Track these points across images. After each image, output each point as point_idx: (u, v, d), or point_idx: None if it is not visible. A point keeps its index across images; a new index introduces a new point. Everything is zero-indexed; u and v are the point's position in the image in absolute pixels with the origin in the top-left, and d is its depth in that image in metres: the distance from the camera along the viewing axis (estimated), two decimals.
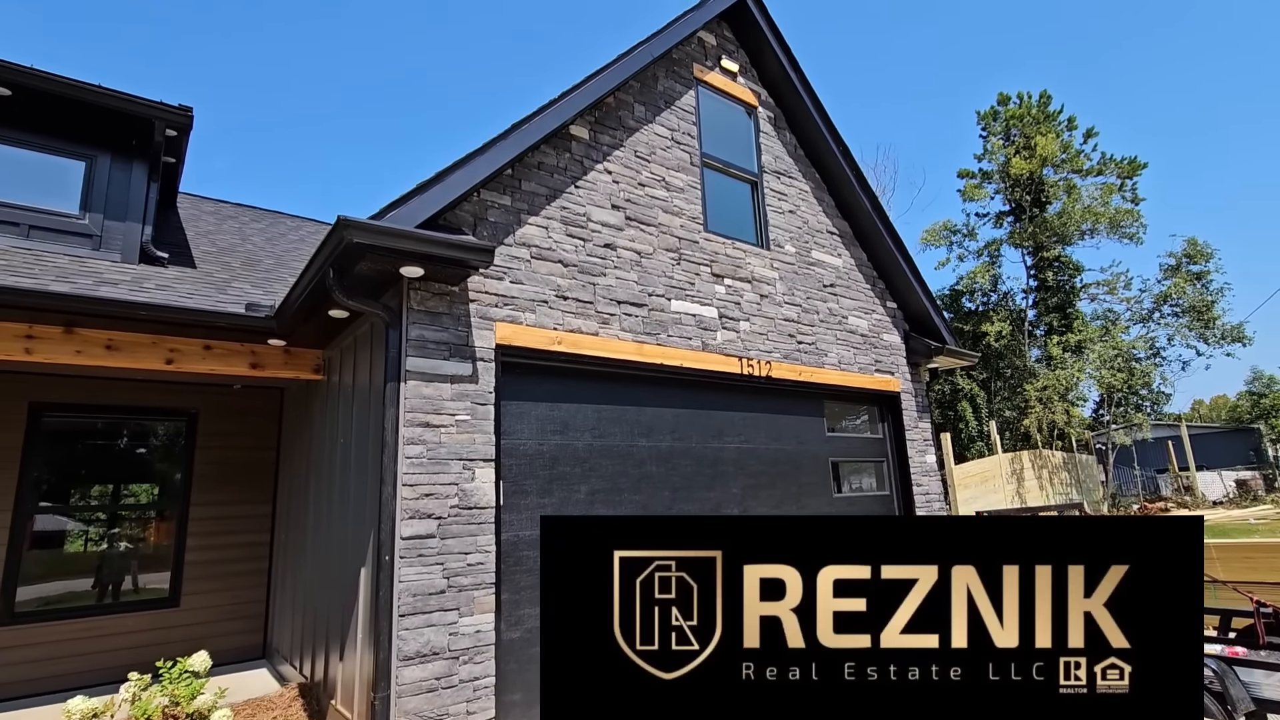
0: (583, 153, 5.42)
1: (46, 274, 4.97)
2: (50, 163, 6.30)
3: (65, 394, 6.12)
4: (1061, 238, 24.93)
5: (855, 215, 7.69)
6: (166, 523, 6.62)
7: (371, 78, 61.12)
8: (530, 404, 4.78)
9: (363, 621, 4.18)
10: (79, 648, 5.77)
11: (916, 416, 7.70)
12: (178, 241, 7.49)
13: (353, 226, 3.74)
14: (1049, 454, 19.66)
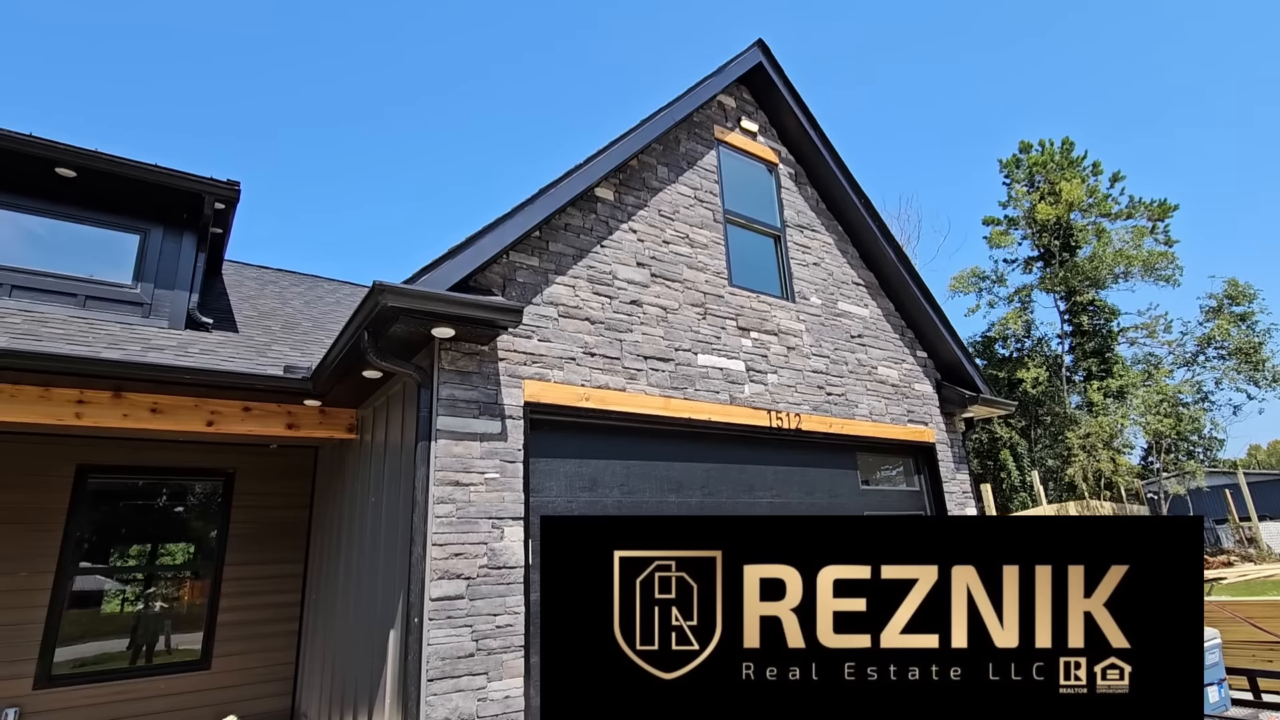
0: (608, 213, 5.57)
1: (99, 341, 5.20)
2: (107, 236, 6.68)
3: (110, 456, 6.31)
4: (1094, 281, 24.56)
5: (880, 265, 7.70)
6: (201, 582, 6.68)
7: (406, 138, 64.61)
8: (559, 460, 4.78)
9: (391, 685, 4.11)
10: (113, 711, 5.77)
11: (954, 468, 7.49)
12: (222, 307, 7.81)
13: (388, 291, 3.87)
14: (1097, 504, 18.84)
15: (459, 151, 65.49)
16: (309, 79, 56.52)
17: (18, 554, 5.77)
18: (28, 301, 6.02)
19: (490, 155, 64.37)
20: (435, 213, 65.41)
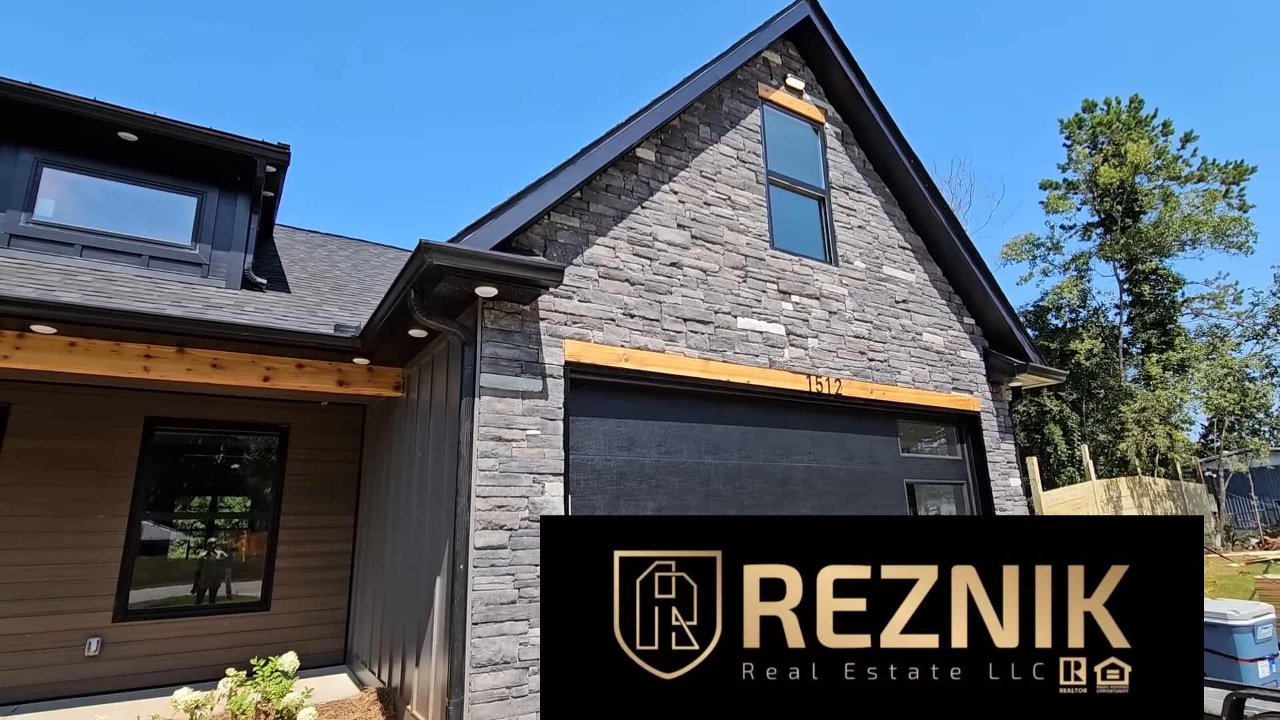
0: (649, 174, 5.53)
1: (163, 299, 5.46)
2: (167, 199, 6.95)
3: (175, 409, 6.67)
4: (1158, 249, 23.32)
5: (928, 229, 7.48)
6: (258, 532, 7.06)
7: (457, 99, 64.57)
8: (598, 420, 4.86)
9: (438, 629, 4.31)
10: (182, 645, 6.21)
11: (999, 438, 7.34)
12: (274, 269, 8.07)
13: (433, 249, 3.95)
14: (1150, 481, 18.22)
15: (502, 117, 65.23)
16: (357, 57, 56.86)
17: (94, 498, 6.18)
18: (97, 261, 6.33)
19: (537, 120, 63.97)
20: (480, 180, 65.70)
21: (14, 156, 6.30)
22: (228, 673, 4.60)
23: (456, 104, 67.63)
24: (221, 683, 4.57)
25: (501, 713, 3.85)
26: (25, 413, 6.07)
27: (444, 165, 70.96)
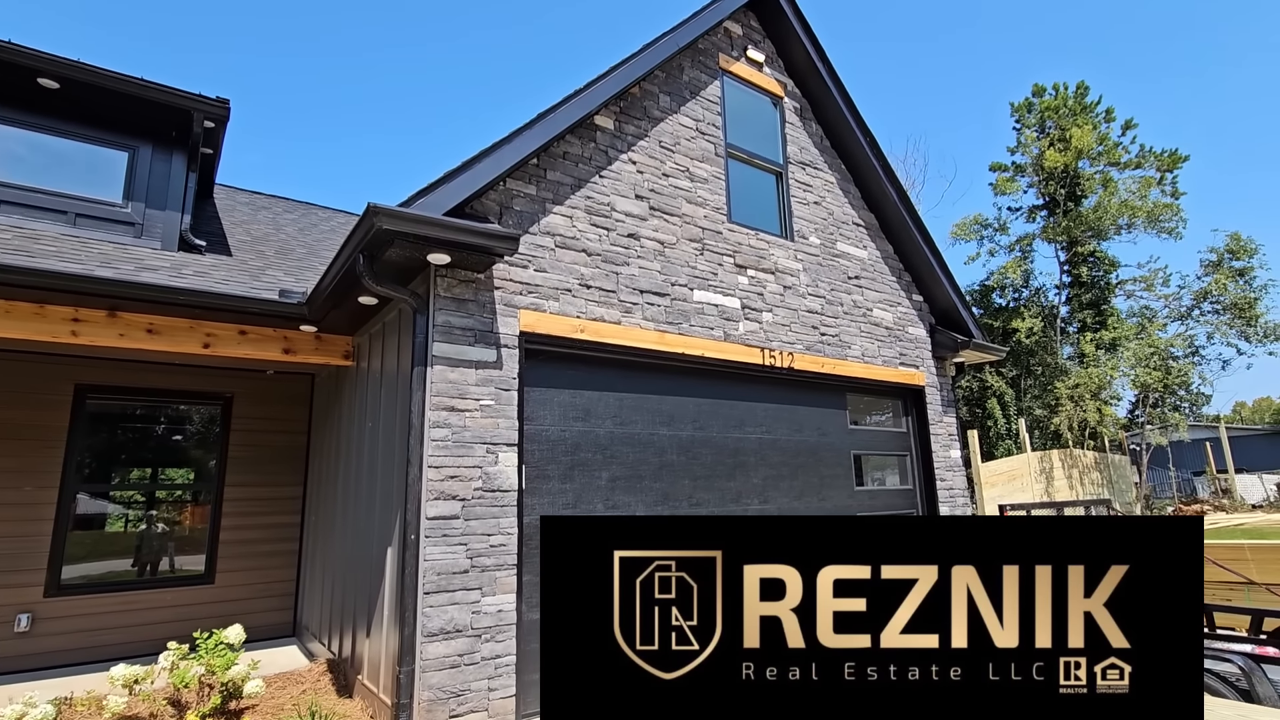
0: (607, 143, 5.46)
1: (92, 259, 5.16)
2: (95, 153, 6.53)
3: (108, 377, 6.35)
4: (1096, 232, 24.32)
5: (882, 207, 7.62)
6: (202, 505, 6.85)
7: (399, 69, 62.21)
8: (553, 391, 4.85)
9: (389, 599, 4.29)
10: (120, 620, 6.01)
11: (941, 411, 7.62)
12: (214, 230, 7.71)
13: (382, 214, 3.83)
14: (1080, 453, 19.25)
15: (460, 84, 63.30)
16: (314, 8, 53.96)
17: (21, 469, 5.88)
18: (17, 217, 5.93)
19: (492, 87, 62.20)
20: (435, 146, 63.75)
21: None
22: (169, 646, 4.49)
23: (419, 71, 65.05)
24: (162, 656, 4.46)
25: (453, 680, 3.88)
26: None
27: (404, 131, 68.31)
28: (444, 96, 62.84)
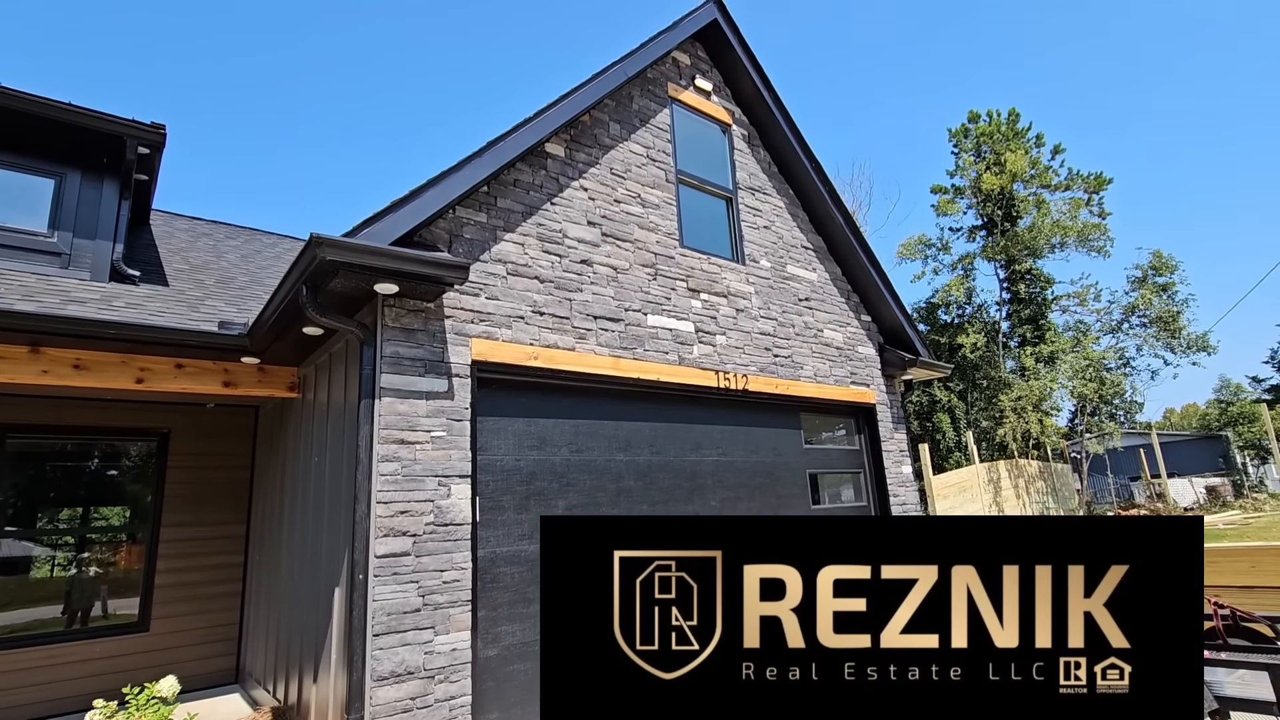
0: (559, 170, 5.48)
1: (12, 293, 4.89)
2: (17, 180, 6.21)
3: (31, 415, 6.00)
4: (1032, 251, 25.51)
5: (829, 230, 7.83)
6: (137, 546, 6.48)
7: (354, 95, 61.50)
8: (507, 419, 4.78)
9: (337, 642, 4.12)
10: (44, 675, 5.61)
11: (892, 428, 7.81)
12: (150, 259, 7.41)
13: (326, 244, 3.75)
14: (1025, 463, 19.95)
15: (409, 105, 62.83)
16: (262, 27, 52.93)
17: None
18: None
19: (441, 106, 61.97)
20: (386, 168, 63.01)
21: None
22: (95, 704, 4.20)
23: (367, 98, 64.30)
24: (88, 716, 4.17)
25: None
26: None
27: (353, 160, 67.34)
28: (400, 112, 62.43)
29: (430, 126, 62.79)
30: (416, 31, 53.69)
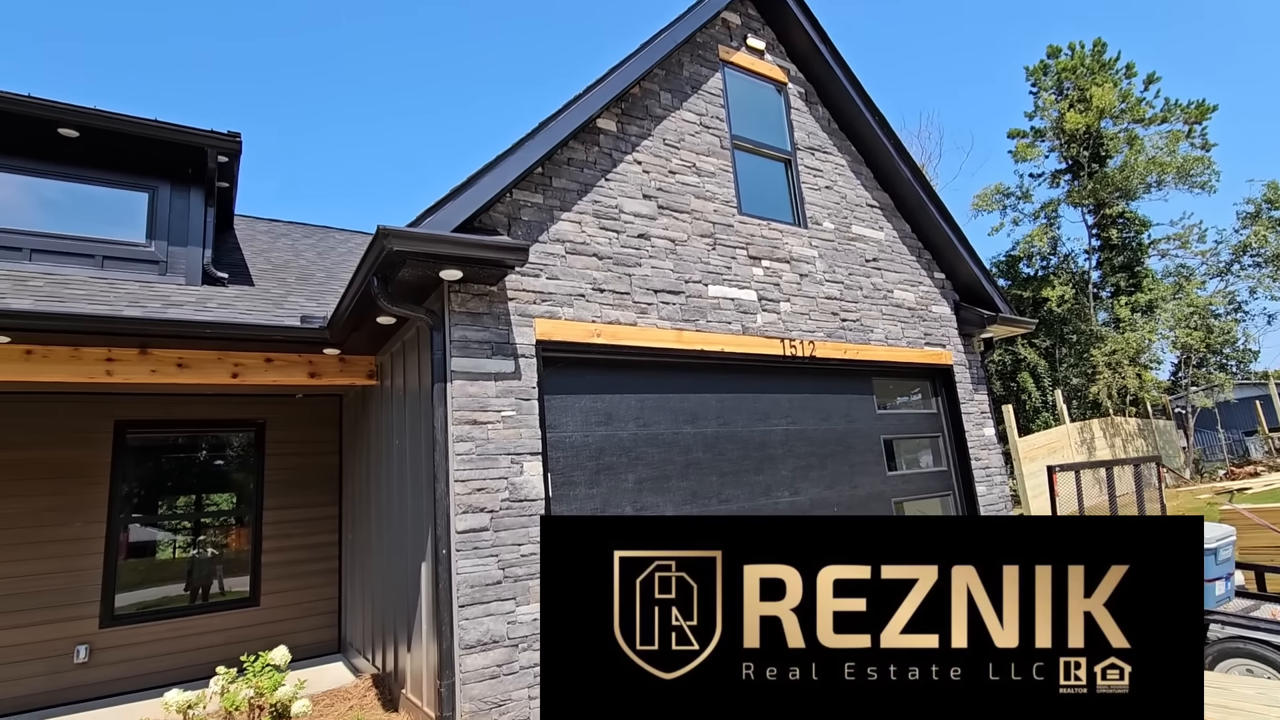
0: (611, 145, 5.44)
1: (120, 300, 5.31)
2: (117, 195, 6.71)
3: (146, 411, 6.54)
4: (1124, 192, 23.58)
5: (896, 186, 7.48)
6: (244, 528, 7.01)
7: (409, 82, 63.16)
8: (573, 397, 4.86)
9: (426, 614, 4.35)
10: (172, 646, 6.19)
11: (972, 389, 7.47)
12: (235, 261, 7.88)
13: (392, 235, 3.87)
14: (1122, 421, 18.72)
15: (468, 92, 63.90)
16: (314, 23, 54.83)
17: (68, 506, 6.08)
18: (48, 264, 6.13)
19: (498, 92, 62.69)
20: (446, 154, 64.66)
21: None
22: (218, 670, 4.61)
23: (414, 85, 65.82)
24: (213, 681, 4.58)
25: (493, 691, 3.91)
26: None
27: (407, 148, 69.45)
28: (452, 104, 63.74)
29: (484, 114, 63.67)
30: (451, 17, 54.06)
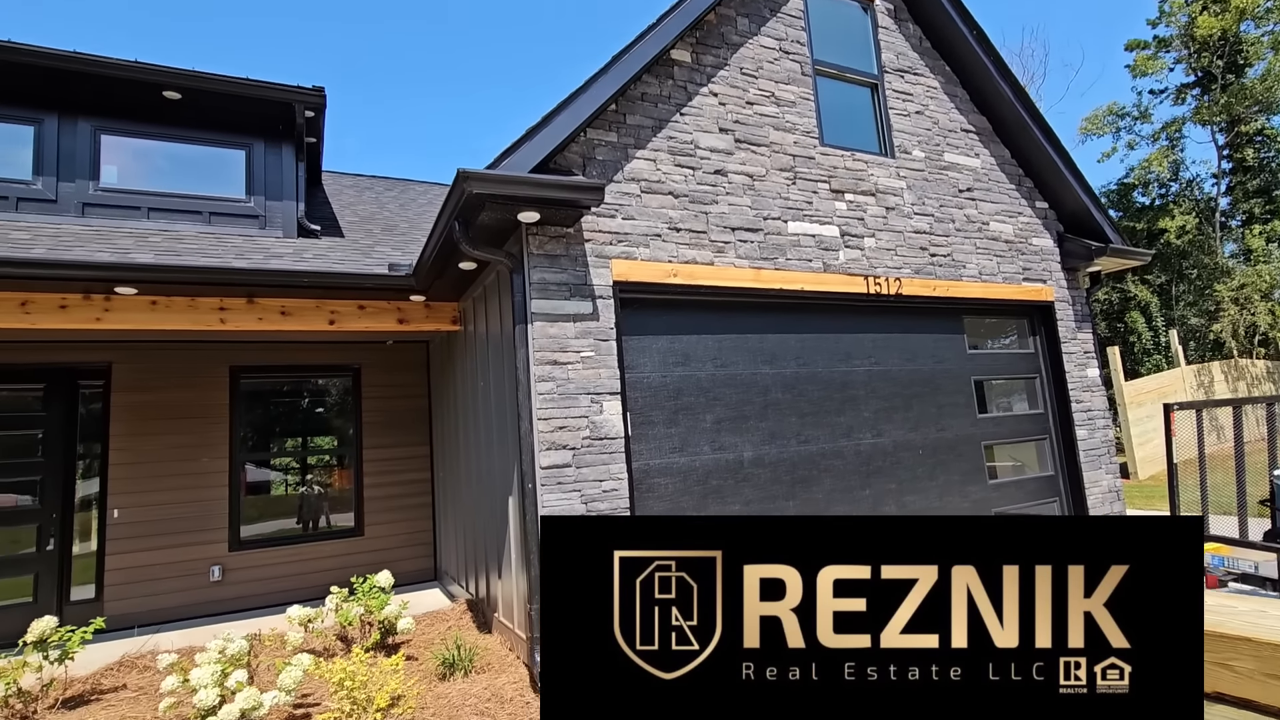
0: (685, 77, 5.25)
1: (228, 253, 5.68)
2: (218, 154, 7.11)
3: (255, 357, 7.07)
4: (1265, 106, 20.83)
5: (995, 108, 6.88)
6: (345, 468, 7.56)
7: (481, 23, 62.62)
8: (651, 338, 4.86)
9: (514, 543, 4.58)
10: (289, 569, 6.84)
11: (1075, 327, 6.96)
12: (326, 215, 8.24)
13: (472, 178, 3.92)
14: (1247, 364, 17.06)
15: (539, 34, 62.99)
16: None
17: (197, 444, 6.73)
18: (163, 221, 6.62)
19: (569, 36, 61.44)
20: (521, 101, 64.57)
21: (73, 127, 6.53)
22: (332, 590, 5.06)
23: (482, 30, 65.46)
24: (328, 599, 5.04)
25: None
26: (125, 370, 6.56)
27: (479, 98, 69.80)
28: (530, 44, 63.22)
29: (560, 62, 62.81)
30: None
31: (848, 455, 5.51)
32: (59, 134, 6.47)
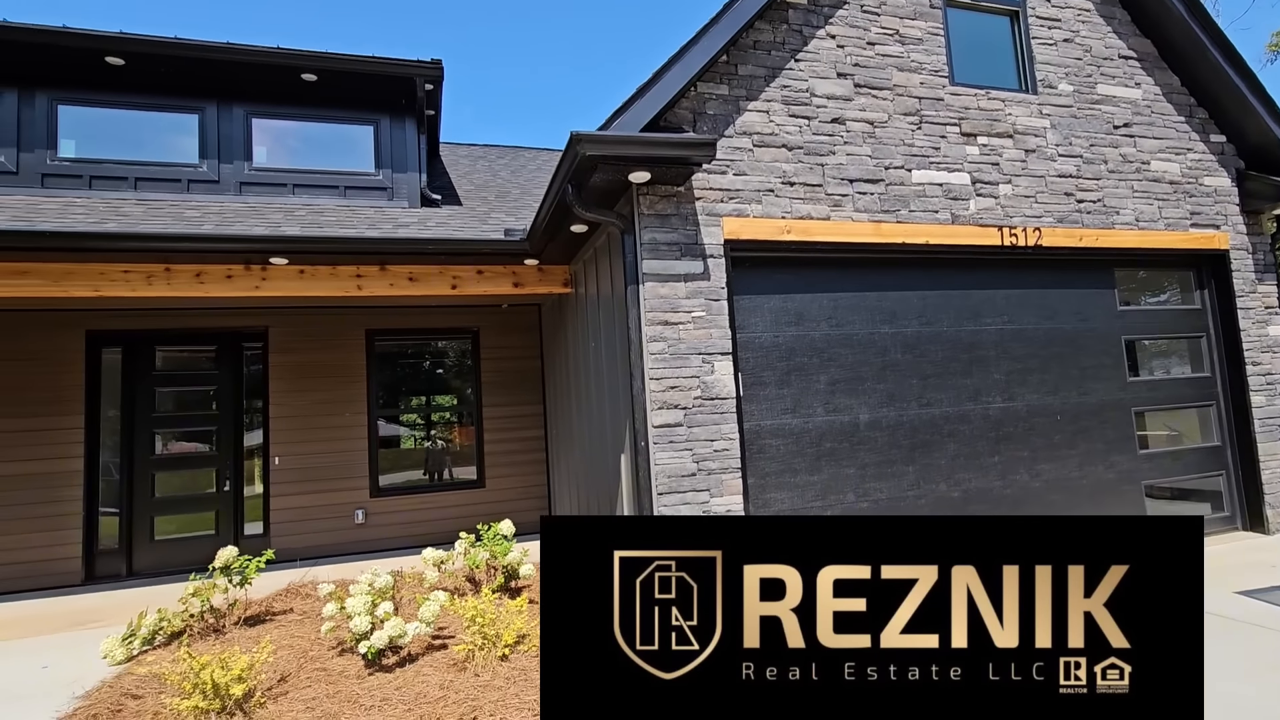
0: (800, 20, 4.97)
1: (362, 223, 6.11)
2: (349, 131, 7.60)
3: (385, 321, 7.62)
4: None
5: (1162, 28, 6.02)
6: (465, 426, 8.05)
7: None
8: (763, 297, 4.75)
9: (627, 499, 4.71)
10: (421, 515, 7.44)
11: (1254, 279, 6.08)
12: (445, 185, 8.64)
13: (584, 140, 3.95)
14: None
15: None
16: None
17: (340, 400, 7.39)
18: (306, 196, 7.20)
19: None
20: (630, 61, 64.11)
21: (229, 112, 7.19)
22: (460, 535, 5.44)
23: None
24: (457, 544, 5.43)
25: None
26: (279, 333, 7.29)
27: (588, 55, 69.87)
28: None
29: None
30: None
31: (974, 420, 5.18)
32: (218, 120, 7.15)
